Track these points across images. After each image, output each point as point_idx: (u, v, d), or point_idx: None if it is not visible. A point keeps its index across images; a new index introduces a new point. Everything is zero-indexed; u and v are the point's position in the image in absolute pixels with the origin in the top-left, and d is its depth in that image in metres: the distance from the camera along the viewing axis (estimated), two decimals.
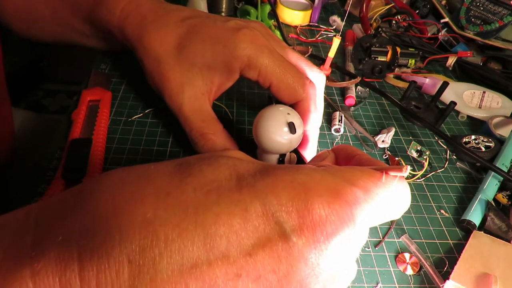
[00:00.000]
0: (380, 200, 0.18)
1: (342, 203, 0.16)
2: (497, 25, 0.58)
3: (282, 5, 0.61)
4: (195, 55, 0.32)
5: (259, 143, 0.30)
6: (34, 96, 1.24)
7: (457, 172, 0.41)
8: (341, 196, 0.16)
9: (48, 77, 1.29)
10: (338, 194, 0.16)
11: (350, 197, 0.16)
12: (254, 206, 0.15)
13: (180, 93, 0.33)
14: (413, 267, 0.31)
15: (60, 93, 1.31)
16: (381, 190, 0.18)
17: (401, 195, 0.19)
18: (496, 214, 0.34)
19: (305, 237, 0.15)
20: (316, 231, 0.15)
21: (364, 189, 0.17)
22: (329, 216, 0.16)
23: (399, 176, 0.18)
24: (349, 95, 0.47)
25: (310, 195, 0.16)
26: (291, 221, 0.15)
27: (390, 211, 0.19)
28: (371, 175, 0.18)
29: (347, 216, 0.16)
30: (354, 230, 0.16)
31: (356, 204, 0.17)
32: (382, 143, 0.41)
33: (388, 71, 0.52)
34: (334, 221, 0.16)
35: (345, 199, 0.16)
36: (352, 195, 0.17)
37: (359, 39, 0.52)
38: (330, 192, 0.16)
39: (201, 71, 0.32)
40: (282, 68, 0.31)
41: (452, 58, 0.56)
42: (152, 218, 0.15)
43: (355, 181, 0.17)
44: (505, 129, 0.45)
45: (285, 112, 0.29)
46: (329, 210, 0.16)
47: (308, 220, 0.15)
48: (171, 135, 0.38)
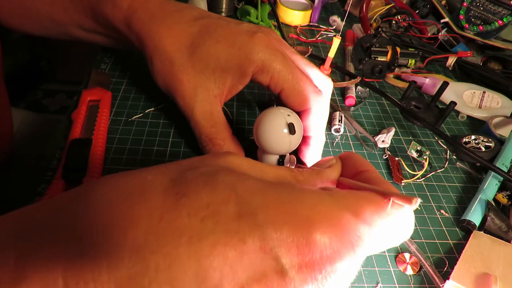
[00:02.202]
0: (383, 231, 0.17)
1: (345, 242, 0.15)
2: (497, 25, 0.58)
3: (282, 5, 0.61)
4: (209, 57, 0.31)
5: (259, 144, 0.30)
6: (34, 96, 1.24)
7: (457, 172, 0.41)
8: (345, 233, 0.15)
9: (48, 77, 1.29)
10: (342, 230, 0.15)
11: (355, 234, 0.16)
12: (252, 239, 0.14)
13: (193, 96, 0.32)
14: (413, 267, 0.31)
15: (60, 93, 1.30)
16: (386, 221, 0.17)
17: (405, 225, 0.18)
18: (496, 214, 0.34)
19: (303, 274, 0.14)
20: (315, 268, 0.15)
21: (369, 223, 0.16)
22: (331, 254, 0.15)
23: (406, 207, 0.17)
24: (349, 95, 0.47)
25: (312, 230, 0.15)
26: (289, 257, 0.14)
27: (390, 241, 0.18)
28: (378, 205, 0.17)
29: (349, 253, 0.15)
30: (353, 263, 0.16)
31: (359, 241, 0.16)
32: (382, 143, 0.41)
33: (388, 71, 0.52)
34: (335, 258, 0.15)
35: (349, 237, 0.15)
36: (356, 232, 0.16)
37: (359, 39, 0.52)
38: (334, 228, 0.15)
39: (214, 74, 0.32)
40: (294, 75, 0.31)
41: (452, 58, 0.56)
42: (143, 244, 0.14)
43: (361, 214, 0.16)
44: (505, 129, 0.45)
45: (286, 114, 0.29)
46: (330, 248, 0.15)
47: (308, 257, 0.15)
48: (171, 135, 0.38)
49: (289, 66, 0.31)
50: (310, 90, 0.31)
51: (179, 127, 0.39)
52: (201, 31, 0.32)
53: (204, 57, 0.32)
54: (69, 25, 0.40)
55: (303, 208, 0.16)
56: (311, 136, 0.33)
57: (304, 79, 0.32)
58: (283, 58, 0.31)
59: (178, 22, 0.33)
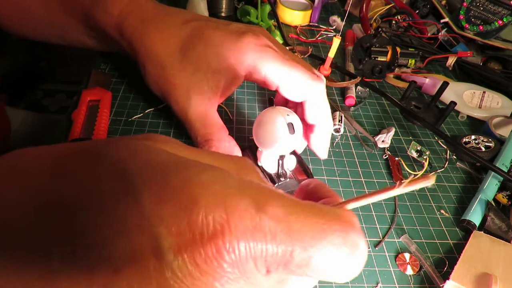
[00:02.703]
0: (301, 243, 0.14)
1: (234, 228, 0.13)
2: (497, 25, 0.58)
3: (282, 5, 0.61)
4: (200, 59, 0.32)
5: (259, 144, 0.30)
6: (34, 96, 1.24)
7: (457, 172, 0.41)
8: (236, 219, 0.13)
9: (48, 77, 1.28)
10: (233, 216, 0.13)
11: (251, 225, 0.14)
12: (131, 217, 0.13)
13: (186, 100, 0.32)
14: (413, 267, 0.31)
15: (60, 93, 1.30)
16: (308, 236, 0.15)
17: (349, 263, 0.15)
18: (496, 214, 0.34)
19: (181, 257, 0.13)
20: (194, 252, 0.13)
21: (276, 219, 0.14)
22: (212, 237, 0.13)
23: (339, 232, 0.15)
24: (349, 95, 0.47)
25: (196, 209, 0.13)
26: (169, 238, 0.13)
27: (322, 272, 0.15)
28: (294, 205, 0.15)
29: (236, 242, 0.13)
30: (252, 265, 0.14)
31: (258, 235, 0.14)
32: (382, 143, 0.41)
33: (388, 71, 0.52)
34: (218, 244, 0.13)
35: (242, 226, 0.13)
36: (255, 224, 0.14)
37: (359, 39, 0.52)
38: (222, 210, 0.13)
39: (206, 76, 0.32)
40: (288, 68, 0.31)
41: (452, 58, 0.56)
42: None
43: (265, 206, 0.14)
44: (505, 129, 0.45)
45: (285, 114, 0.29)
46: (213, 231, 0.13)
47: (187, 238, 0.13)
48: (171, 135, 0.38)
49: (281, 60, 0.31)
50: (305, 79, 0.31)
51: (179, 127, 0.39)
52: (191, 34, 0.32)
53: (195, 60, 0.32)
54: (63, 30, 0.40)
55: (194, 186, 0.14)
56: (316, 124, 0.34)
57: (299, 69, 0.32)
58: (274, 54, 0.31)
59: (168, 27, 0.33)
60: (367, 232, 0.33)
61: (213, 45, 0.31)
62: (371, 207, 0.35)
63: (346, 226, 0.16)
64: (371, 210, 0.35)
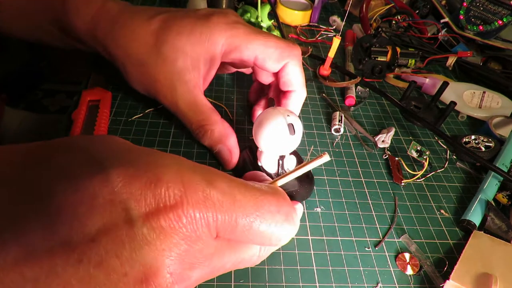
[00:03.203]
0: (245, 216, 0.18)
1: (189, 198, 0.16)
2: (497, 25, 0.58)
3: (282, 5, 0.61)
4: (175, 49, 0.32)
5: (259, 144, 0.30)
6: (34, 96, 1.24)
7: (457, 172, 0.41)
8: (191, 191, 0.17)
9: (48, 77, 1.28)
10: (189, 188, 0.17)
11: (202, 195, 0.17)
12: (102, 194, 0.15)
13: (173, 92, 0.33)
14: (413, 267, 0.31)
15: (60, 93, 1.30)
16: (245, 208, 0.18)
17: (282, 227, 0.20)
18: (496, 214, 0.34)
19: (149, 222, 0.15)
20: (160, 218, 0.16)
21: (222, 192, 0.18)
22: (174, 205, 0.16)
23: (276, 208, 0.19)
24: (349, 95, 0.47)
25: (159, 184, 0.16)
26: (137, 208, 0.15)
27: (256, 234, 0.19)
28: (237, 181, 0.19)
29: (192, 209, 0.16)
30: (205, 229, 0.17)
31: (207, 202, 0.17)
32: (382, 143, 0.41)
33: (388, 71, 0.52)
34: (177, 210, 0.16)
35: (194, 196, 0.17)
36: (205, 194, 0.17)
37: (359, 39, 0.52)
38: (180, 184, 0.16)
39: (185, 64, 0.32)
40: (263, 37, 0.32)
41: (452, 58, 0.56)
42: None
43: (213, 181, 0.18)
44: (505, 129, 0.45)
45: (285, 114, 0.29)
46: (173, 200, 0.16)
47: (153, 207, 0.16)
48: (171, 135, 0.38)
49: (254, 33, 0.32)
50: (282, 44, 0.32)
51: (179, 127, 0.39)
52: (162, 27, 0.33)
53: (171, 51, 0.32)
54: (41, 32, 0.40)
55: (157, 167, 0.17)
56: (292, 90, 0.35)
57: (272, 37, 0.32)
58: (246, 28, 0.32)
59: (138, 25, 0.33)
60: (367, 232, 0.33)
61: (185, 33, 0.32)
62: (371, 207, 0.35)
63: (279, 198, 0.20)
64: (371, 210, 0.35)
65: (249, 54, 0.32)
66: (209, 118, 0.34)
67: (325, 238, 0.32)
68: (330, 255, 0.30)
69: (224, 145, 0.34)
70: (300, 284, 0.28)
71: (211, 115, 0.34)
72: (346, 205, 0.35)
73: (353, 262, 0.30)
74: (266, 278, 0.28)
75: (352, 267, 0.30)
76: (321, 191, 0.35)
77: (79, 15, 0.34)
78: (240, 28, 0.32)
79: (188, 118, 0.34)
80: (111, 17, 0.34)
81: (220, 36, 0.31)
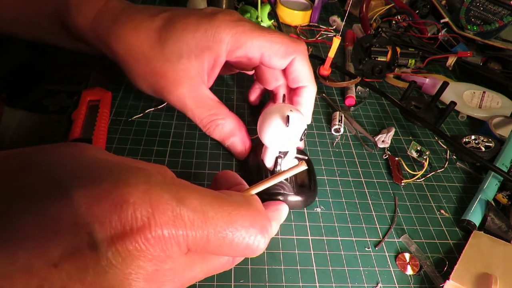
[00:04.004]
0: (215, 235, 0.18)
1: (158, 219, 0.16)
2: (497, 25, 0.58)
3: (282, 5, 0.61)
4: (180, 46, 0.32)
5: (260, 138, 0.30)
6: (34, 96, 1.24)
7: (457, 172, 0.41)
8: (160, 211, 0.16)
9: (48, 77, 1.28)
10: (157, 209, 0.16)
11: (172, 215, 0.16)
12: (65, 217, 0.15)
13: (180, 88, 0.33)
14: (413, 267, 0.31)
15: (60, 93, 1.30)
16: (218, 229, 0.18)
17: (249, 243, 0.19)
18: (496, 214, 0.34)
19: (114, 247, 0.15)
20: (126, 242, 0.15)
21: (193, 210, 0.17)
22: (141, 228, 0.15)
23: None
24: (349, 95, 0.47)
25: (126, 206, 0.15)
26: (102, 232, 0.15)
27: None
28: (208, 196, 0.18)
29: (159, 235, 0.16)
30: (176, 248, 0.16)
31: (177, 222, 0.16)
32: (382, 143, 0.41)
33: (388, 71, 0.52)
34: (145, 233, 0.15)
35: (164, 216, 0.16)
36: (175, 213, 0.16)
37: (359, 39, 0.52)
38: (147, 205, 0.16)
39: (190, 61, 0.32)
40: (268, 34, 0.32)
41: (452, 58, 0.56)
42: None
43: (184, 199, 0.17)
44: (505, 129, 0.45)
45: (287, 108, 0.29)
46: (141, 222, 0.15)
47: (118, 231, 0.15)
48: (171, 135, 0.38)
49: (259, 30, 0.32)
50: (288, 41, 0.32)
51: (179, 127, 0.39)
52: (165, 24, 0.33)
53: (175, 48, 0.32)
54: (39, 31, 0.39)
55: (124, 186, 0.16)
56: (302, 86, 0.34)
57: (278, 33, 0.32)
58: (251, 25, 0.32)
59: (141, 22, 0.33)
60: (367, 232, 0.33)
61: (190, 30, 0.32)
62: (371, 207, 0.35)
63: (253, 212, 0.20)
64: (371, 210, 0.35)
65: (254, 51, 0.32)
66: (219, 112, 0.34)
67: (325, 238, 0.32)
68: (330, 255, 0.30)
69: (236, 137, 0.34)
70: (300, 284, 0.28)
71: (220, 109, 0.34)
72: (346, 205, 0.35)
73: (353, 262, 0.30)
74: (266, 278, 0.28)
75: (352, 267, 0.30)
76: (321, 191, 0.35)
77: (82, 12, 0.34)
78: (246, 25, 0.32)
79: (197, 113, 0.34)
80: (114, 15, 0.34)
81: (225, 33, 0.31)
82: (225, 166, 0.36)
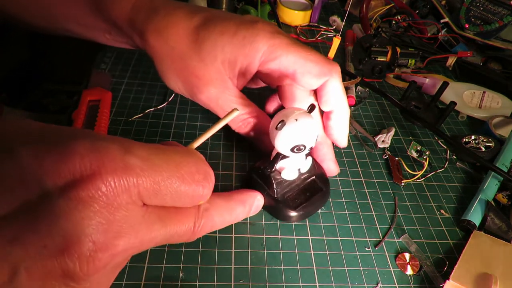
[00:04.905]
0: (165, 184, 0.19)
1: (109, 168, 0.16)
2: (497, 25, 0.58)
3: (282, 5, 0.61)
4: (216, 49, 0.32)
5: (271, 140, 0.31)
6: (34, 96, 1.24)
7: (457, 172, 0.41)
8: (108, 160, 0.17)
9: (48, 77, 1.28)
10: (106, 157, 0.17)
11: (118, 163, 0.17)
12: (13, 173, 0.16)
13: (212, 88, 0.33)
14: (413, 267, 0.31)
15: (60, 93, 1.31)
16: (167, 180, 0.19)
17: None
18: (496, 214, 0.34)
19: (66, 195, 0.16)
20: (77, 189, 0.16)
21: (141, 158, 0.18)
22: (92, 179, 0.16)
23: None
24: (349, 95, 0.47)
25: (73, 157, 0.16)
26: (53, 182, 0.16)
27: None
28: (154, 147, 0.19)
29: (110, 183, 0.16)
30: (126, 196, 0.17)
31: (121, 172, 0.17)
32: (382, 143, 0.41)
33: (388, 71, 0.52)
34: (96, 179, 0.16)
35: (112, 165, 0.17)
36: (122, 161, 0.17)
37: (359, 39, 0.52)
38: (97, 154, 0.17)
39: (223, 65, 0.32)
40: (304, 51, 0.31)
41: (452, 58, 0.56)
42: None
43: (131, 149, 0.18)
44: (505, 129, 0.45)
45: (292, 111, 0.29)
46: (91, 173, 0.16)
47: (70, 180, 0.16)
48: (171, 135, 0.38)
49: (296, 45, 0.31)
50: (323, 61, 0.31)
51: (179, 127, 0.39)
52: (205, 24, 0.32)
53: (211, 50, 0.32)
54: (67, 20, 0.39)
55: (71, 140, 0.17)
56: (334, 110, 0.33)
57: (313, 52, 0.32)
58: (288, 39, 0.31)
59: (181, 19, 0.33)
60: (367, 232, 0.33)
61: (228, 34, 0.31)
62: (371, 207, 0.35)
63: (197, 160, 0.21)
64: (371, 210, 0.35)
65: (288, 66, 0.31)
66: (253, 111, 0.34)
67: (325, 238, 0.32)
68: (330, 255, 0.30)
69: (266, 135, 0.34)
70: (300, 284, 0.28)
71: (253, 108, 0.34)
72: (346, 205, 0.35)
73: (353, 262, 0.30)
74: (266, 278, 0.28)
75: (352, 267, 0.30)
76: None
77: (119, 2, 0.34)
78: (283, 38, 0.31)
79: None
80: (154, 8, 0.33)
81: (262, 43, 0.31)
82: (225, 166, 0.36)
